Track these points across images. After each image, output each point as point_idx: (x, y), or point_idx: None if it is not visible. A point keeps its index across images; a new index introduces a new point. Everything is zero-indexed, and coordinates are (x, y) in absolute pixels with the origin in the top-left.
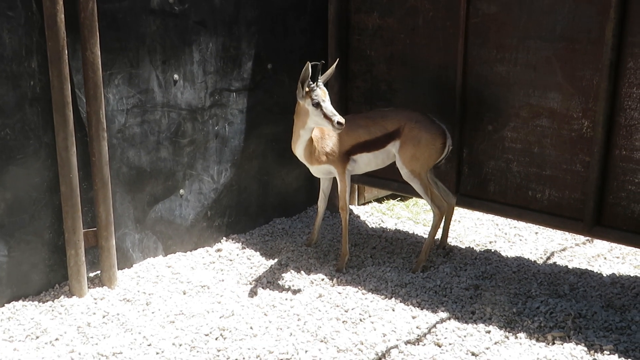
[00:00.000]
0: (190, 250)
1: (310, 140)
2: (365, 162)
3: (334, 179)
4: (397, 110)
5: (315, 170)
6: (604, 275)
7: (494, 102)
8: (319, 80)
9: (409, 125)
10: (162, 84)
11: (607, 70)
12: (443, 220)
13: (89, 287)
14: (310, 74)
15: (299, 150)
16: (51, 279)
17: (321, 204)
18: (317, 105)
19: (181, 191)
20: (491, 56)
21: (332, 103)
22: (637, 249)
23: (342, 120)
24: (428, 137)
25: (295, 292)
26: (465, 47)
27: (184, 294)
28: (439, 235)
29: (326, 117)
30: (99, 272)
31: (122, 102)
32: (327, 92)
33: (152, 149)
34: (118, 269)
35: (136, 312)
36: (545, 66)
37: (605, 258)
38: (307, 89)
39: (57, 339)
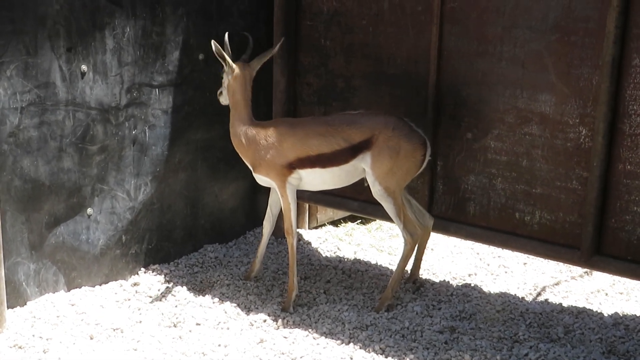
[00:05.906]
0: (100, 284)
1: (241, 124)
2: (319, 181)
3: None
4: (368, 114)
5: (258, 178)
6: (605, 315)
7: (473, 104)
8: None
9: (384, 134)
10: (67, 77)
11: (608, 67)
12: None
13: None
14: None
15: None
16: None
17: (267, 224)
18: None
19: (89, 210)
20: (471, 49)
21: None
22: None
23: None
24: (409, 147)
25: (230, 336)
26: (440, 37)
27: (92, 339)
28: (408, 267)
29: None
30: None
31: (16, 99)
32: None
33: (53, 158)
34: (8, 308)
35: None
36: (535, 62)
37: (606, 294)
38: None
39: None
